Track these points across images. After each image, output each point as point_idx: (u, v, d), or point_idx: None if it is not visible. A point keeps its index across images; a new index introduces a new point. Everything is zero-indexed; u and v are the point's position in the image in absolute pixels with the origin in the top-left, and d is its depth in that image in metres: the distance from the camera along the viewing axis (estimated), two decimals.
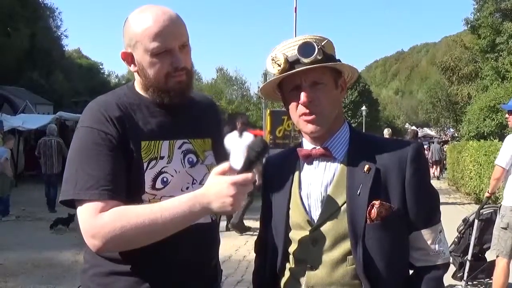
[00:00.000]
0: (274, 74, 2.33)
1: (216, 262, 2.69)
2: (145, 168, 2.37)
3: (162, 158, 2.42)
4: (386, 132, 22.08)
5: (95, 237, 2.21)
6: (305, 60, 2.24)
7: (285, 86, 2.38)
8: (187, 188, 2.46)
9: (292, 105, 2.34)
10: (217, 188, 2.14)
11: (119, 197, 2.26)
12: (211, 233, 2.58)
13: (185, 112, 2.55)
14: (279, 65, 2.27)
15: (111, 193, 2.24)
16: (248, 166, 2.20)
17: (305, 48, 2.25)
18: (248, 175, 2.15)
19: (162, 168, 2.40)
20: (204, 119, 2.66)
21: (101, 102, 2.46)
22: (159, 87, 2.41)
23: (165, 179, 2.40)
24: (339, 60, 2.38)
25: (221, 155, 2.68)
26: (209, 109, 2.77)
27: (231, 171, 2.17)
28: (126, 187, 2.31)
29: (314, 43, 2.25)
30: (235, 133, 12.99)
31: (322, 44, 2.29)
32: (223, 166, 2.19)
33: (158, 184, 2.39)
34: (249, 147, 2.24)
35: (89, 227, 2.23)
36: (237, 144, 11.64)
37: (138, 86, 2.53)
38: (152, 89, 2.44)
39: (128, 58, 2.46)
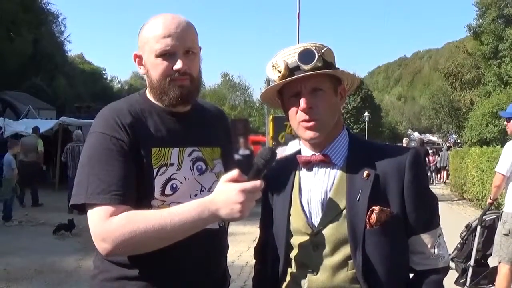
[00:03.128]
0: (274, 81, 2.35)
1: (224, 268, 2.72)
2: (155, 174, 2.40)
3: (171, 165, 2.45)
4: (405, 142, 23.04)
5: (105, 240, 2.24)
6: (305, 67, 2.26)
7: (285, 93, 2.40)
8: (196, 195, 2.49)
9: (292, 112, 2.36)
10: (226, 195, 2.16)
11: (129, 202, 2.29)
12: (219, 239, 2.60)
13: (195, 120, 2.60)
14: (279, 72, 2.30)
15: (121, 198, 2.27)
16: (256, 173, 2.21)
17: (305, 55, 2.27)
18: (257, 182, 2.16)
19: (171, 175, 2.44)
20: (214, 128, 2.70)
21: (114, 108, 2.51)
22: (160, 88, 2.46)
23: (174, 186, 2.43)
24: (338, 68, 2.40)
25: (230, 163, 2.69)
26: (219, 118, 2.81)
27: (240, 178, 2.18)
28: (136, 192, 2.35)
29: (314, 50, 2.27)
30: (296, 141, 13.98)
31: (322, 51, 2.31)
32: (232, 173, 2.20)
33: (168, 190, 2.42)
34: (257, 156, 2.25)
35: (99, 231, 2.26)
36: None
37: (149, 94, 2.57)
38: (155, 91, 2.50)
39: (138, 59, 2.54)
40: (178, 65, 2.41)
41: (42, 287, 8.99)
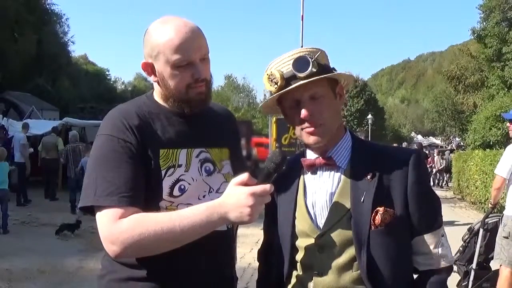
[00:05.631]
0: (271, 92, 2.35)
1: (231, 269, 2.72)
2: (163, 176, 2.41)
3: (179, 166, 2.46)
4: (404, 146, 23.70)
5: (114, 243, 2.25)
6: (301, 75, 2.27)
7: (284, 102, 2.42)
8: (204, 196, 2.50)
9: (294, 120, 2.38)
10: (235, 198, 2.17)
11: (138, 204, 2.30)
12: (226, 241, 2.60)
13: (203, 121, 2.60)
14: (276, 83, 2.30)
15: (130, 199, 2.28)
16: (266, 177, 2.22)
17: (299, 63, 2.28)
18: (267, 186, 2.17)
19: (179, 176, 2.45)
20: (222, 129, 2.70)
21: (121, 110, 2.51)
22: (180, 97, 2.46)
23: (182, 187, 2.44)
24: (334, 69, 2.40)
25: (238, 164, 2.70)
26: (226, 119, 2.81)
27: (249, 182, 2.19)
28: (144, 194, 2.35)
29: (307, 57, 2.27)
30: None
31: (316, 56, 2.31)
32: (242, 176, 2.20)
33: (176, 192, 2.43)
34: (268, 159, 2.26)
35: (108, 233, 2.27)
36: None
37: (157, 96, 2.58)
38: (172, 99, 2.48)
39: (149, 68, 2.50)
40: (199, 74, 2.41)
41: (45, 287, 9.01)
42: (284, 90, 2.30)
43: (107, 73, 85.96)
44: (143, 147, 2.39)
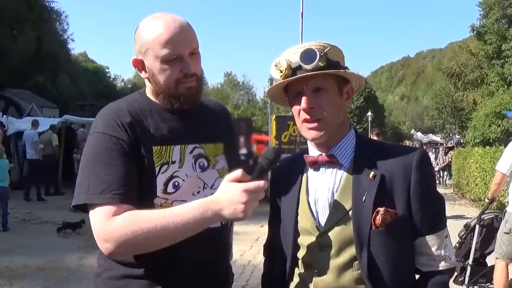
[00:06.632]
0: (277, 80, 2.35)
1: (227, 266, 2.73)
2: (157, 173, 2.41)
3: (173, 162, 2.46)
4: (407, 143, 23.73)
5: (107, 241, 2.25)
6: (307, 67, 2.26)
7: (290, 92, 2.41)
8: (198, 192, 2.51)
9: (295, 111, 2.37)
10: (229, 194, 2.17)
11: (131, 201, 2.30)
12: (221, 237, 2.61)
13: (196, 117, 2.60)
14: (281, 71, 2.30)
15: (123, 197, 2.28)
16: (260, 173, 2.22)
17: (307, 55, 2.27)
18: (260, 182, 2.17)
19: (173, 173, 2.45)
20: (216, 124, 2.69)
21: (113, 108, 2.51)
22: (170, 93, 2.46)
23: (176, 183, 2.45)
24: (346, 68, 2.39)
25: (233, 159, 2.70)
26: (220, 114, 2.81)
27: (243, 178, 2.19)
28: (138, 191, 2.35)
29: (316, 50, 2.26)
30: None
31: (325, 51, 2.29)
32: (236, 173, 2.20)
33: (170, 188, 2.43)
34: (261, 156, 2.25)
35: (102, 231, 2.27)
36: None
37: (149, 92, 2.58)
38: (162, 95, 2.49)
39: (139, 65, 2.51)
40: (188, 69, 2.42)
41: (45, 284, 9.03)
42: (287, 79, 2.30)
43: (106, 70, 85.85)
44: (135, 144, 2.40)
